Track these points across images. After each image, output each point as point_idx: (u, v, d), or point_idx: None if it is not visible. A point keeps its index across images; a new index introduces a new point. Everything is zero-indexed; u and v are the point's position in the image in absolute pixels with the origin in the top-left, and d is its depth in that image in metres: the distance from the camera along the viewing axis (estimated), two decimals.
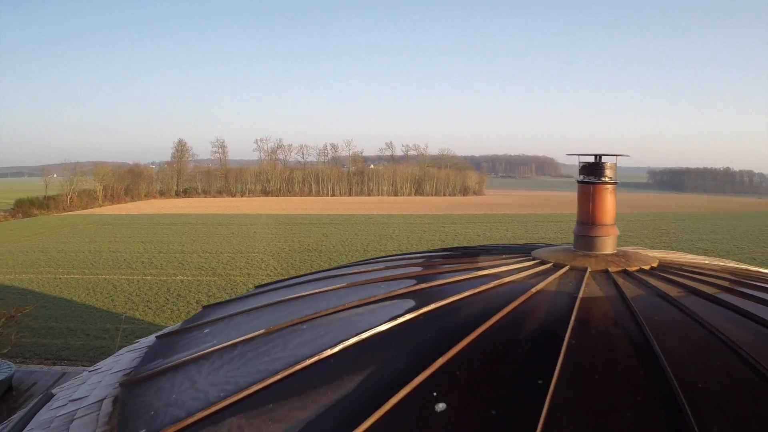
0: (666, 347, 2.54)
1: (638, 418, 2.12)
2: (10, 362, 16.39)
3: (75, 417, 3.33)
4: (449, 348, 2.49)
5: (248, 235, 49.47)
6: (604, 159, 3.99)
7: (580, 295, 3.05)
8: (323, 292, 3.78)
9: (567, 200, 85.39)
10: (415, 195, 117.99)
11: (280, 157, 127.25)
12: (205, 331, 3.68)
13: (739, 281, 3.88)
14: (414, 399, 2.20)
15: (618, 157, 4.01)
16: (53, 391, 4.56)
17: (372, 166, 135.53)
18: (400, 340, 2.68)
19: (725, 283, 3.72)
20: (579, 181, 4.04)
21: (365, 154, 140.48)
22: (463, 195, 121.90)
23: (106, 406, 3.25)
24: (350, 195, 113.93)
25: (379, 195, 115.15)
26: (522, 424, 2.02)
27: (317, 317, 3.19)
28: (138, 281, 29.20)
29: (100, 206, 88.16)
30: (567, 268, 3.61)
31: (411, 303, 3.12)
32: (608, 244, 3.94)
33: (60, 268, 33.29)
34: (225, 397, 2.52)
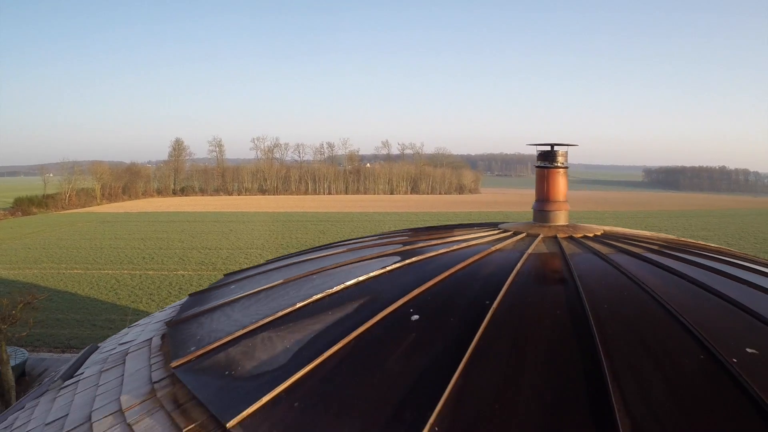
0: (586, 283, 3.39)
1: (556, 325, 2.98)
2: (23, 349, 17.21)
3: (128, 352, 4.17)
4: (423, 284, 3.35)
5: (246, 231, 50.25)
6: (556, 148, 4.85)
7: (528, 251, 3.92)
8: (327, 255, 4.64)
9: None
10: (411, 193, 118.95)
11: (277, 155, 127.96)
12: (232, 287, 4.53)
13: (667, 246, 4.75)
14: (397, 313, 3.05)
15: (568, 147, 4.87)
16: (98, 344, 5.38)
17: (368, 164, 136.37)
18: (387, 280, 3.53)
19: (654, 247, 4.59)
20: (536, 166, 4.91)
21: (361, 152, 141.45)
22: (459, 193, 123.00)
23: (155, 341, 4.09)
24: (347, 193, 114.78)
25: (375, 193, 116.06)
26: (471, 326, 2.87)
27: (324, 270, 4.05)
28: (140, 276, 29.97)
29: (99, 204, 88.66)
30: (524, 234, 4.48)
31: (396, 258, 3.99)
32: (560, 217, 4.80)
33: (63, 264, 34.00)
34: (255, 321, 3.37)
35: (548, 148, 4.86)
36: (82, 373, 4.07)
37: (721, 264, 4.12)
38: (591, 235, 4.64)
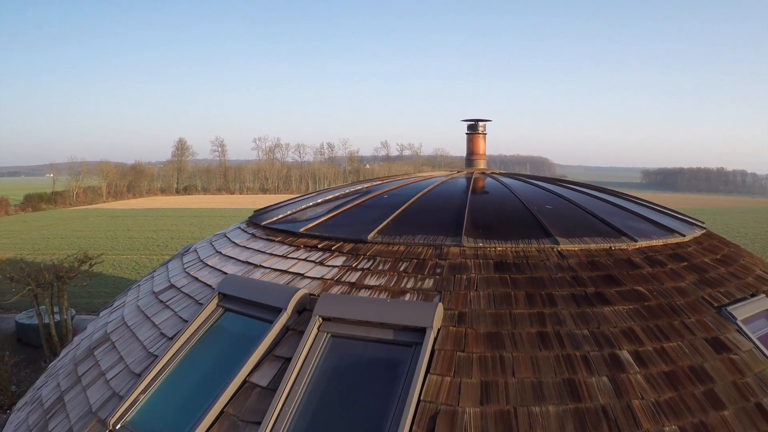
0: (477, 183, 6.34)
1: (458, 193, 5.91)
2: (71, 308, 20.08)
3: (227, 233, 7.08)
4: (402, 206, 6.29)
5: None
6: (480, 122, 7.80)
7: (473, 176, 6.88)
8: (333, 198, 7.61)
9: None
10: None
11: (278, 156, 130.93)
12: (286, 205, 7.46)
13: (538, 177, 7.68)
14: (379, 198, 6.01)
15: (486, 122, 7.81)
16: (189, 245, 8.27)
17: (368, 165, 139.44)
18: (382, 187, 6.49)
19: (528, 176, 7.53)
20: (466, 133, 7.84)
21: (361, 153, 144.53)
22: None
23: (242, 227, 6.99)
24: None
25: None
26: (456, 224, 5.82)
27: (341, 201, 7.03)
28: (158, 259, 32.85)
29: (104, 202, 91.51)
30: (465, 171, 7.43)
31: (375, 191, 6.94)
32: (481, 163, 7.73)
33: (83, 251, 36.85)
34: (327, 213, 6.28)
35: (473, 122, 7.82)
36: (196, 249, 6.99)
37: (558, 184, 7.06)
38: (497, 171, 7.61)
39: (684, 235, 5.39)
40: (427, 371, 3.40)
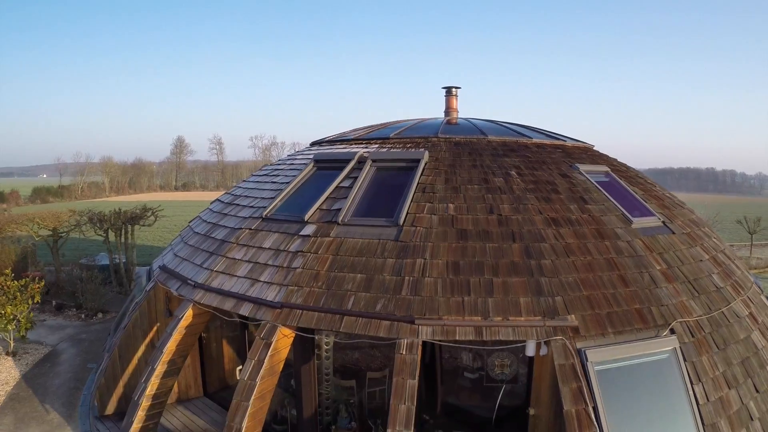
0: (453, 123, 10.57)
1: (439, 126, 10.10)
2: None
3: (295, 158, 11.26)
4: (408, 125, 10.48)
5: None
6: (453, 88, 12.01)
7: (448, 118, 11.10)
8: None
9: None
10: None
11: (274, 153, 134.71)
12: (336, 142, 11.65)
13: (500, 122, 11.92)
14: (401, 132, 10.18)
15: (457, 88, 12.03)
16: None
17: None
18: (391, 127, 10.67)
19: (489, 122, 11.77)
20: (444, 95, 12.04)
21: None
22: None
23: (310, 146, 11.18)
24: None
25: None
26: (436, 129, 10.00)
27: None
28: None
29: (108, 197, 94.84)
30: (445, 119, 11.67)
31: (394, 125, 11.14)
32: (454, 114, 11.95)
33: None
34: (363, 131, 10.47)
35: (448, 88, 12.04)
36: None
37: (500, 123, 11.29)
38: (462, 117, 11.82)
39: (565, 141, 9.68)
40: (419, 183, 7.58)
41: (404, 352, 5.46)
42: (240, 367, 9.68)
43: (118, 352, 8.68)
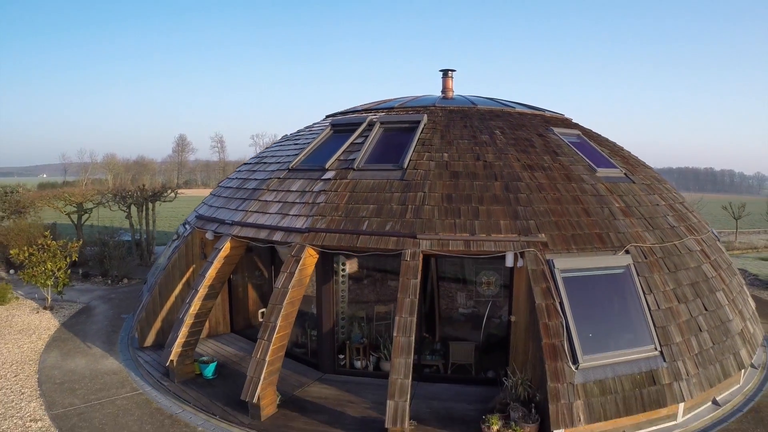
0: (450, 101, 12.01)
1: (436, 100, 11.55)
2: None
3: (313, 128, 12.69)
4: (412, 98, 11.90)
5: None
6: (449, 71, 13.46)
7: (445, 95, 12.55)
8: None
9: None
10: None
11: None
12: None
13: (496, 99, 13.37)
14: (404, 103, 11.61)
15: (453, 71, 13.48)
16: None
17: None
18: (397, 99, 12.11)
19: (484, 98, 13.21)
20: (441, 77, 13.48)
21: None
22: None
23: (324, 119, 12.61)
24: None
25: None
26: (435, 102, 11.44)
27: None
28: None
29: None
30: (442, 95, 13.12)
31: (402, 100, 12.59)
32: (450, 93, 13.40)
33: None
34: (370, 104, 11.91)
35: (445, 70, 13.47)
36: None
37: (496, 99, 12.74)
38: (458, 94, 13.26)
39: (544, 112, 11.13)
40: (419, 138, 9.01)
41: (408, 259, 6.89)
42: (262, 309, 11.08)
43: (158, 290, 10.08)
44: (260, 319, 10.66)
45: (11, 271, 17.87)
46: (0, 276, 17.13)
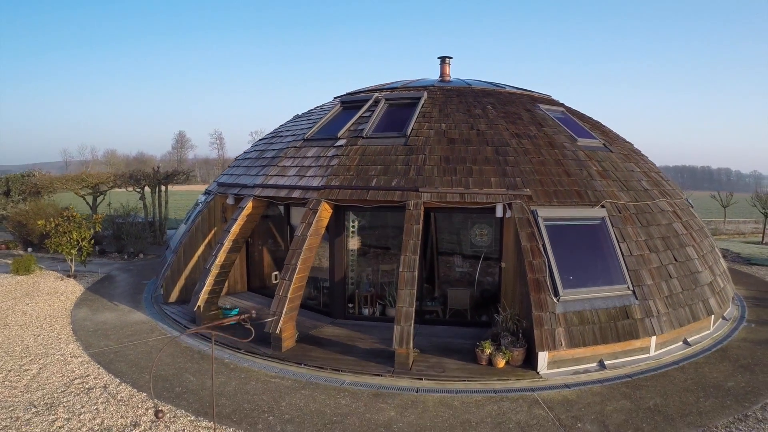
0: (447, 83, 13.10)
1: (435, 82, 12.63)
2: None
3: (324, 108, 13.76)
4: (412, 80, 12.99)
5: None
6: (446, 58, 14.55)
7: (442, 79, 13.65)
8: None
9: None
10: None
11: None
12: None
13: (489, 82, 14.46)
14: (407, 84, 12.70)
15: (450, 58, 14.57)
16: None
17: None
18: (399, 81, 13.19)
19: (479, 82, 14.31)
20: (440, 64, 14.56)
21: None
22: None
23: (333, 100, 13.68)
24: None
25: None
26: (433, 82, 12.52)
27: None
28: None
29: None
30: (439, 78, 14.22)
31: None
32: (447, 77, 14.49)
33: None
34: (376, 85, 12.99)
35: (443, 57, 14.55)
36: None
37: (492, 83, 13.84)
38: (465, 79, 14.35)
39: (533, 92, 12.24)
40: (420, 111, 10.09)
41: (412, 209, 7.99)
42: (276, 272, 12.15)
43: (183, 250, 11.13)
44: (274, 281, 11.72)
45: (29, 249, 18.86)
46: (19, 254, 18.11)
